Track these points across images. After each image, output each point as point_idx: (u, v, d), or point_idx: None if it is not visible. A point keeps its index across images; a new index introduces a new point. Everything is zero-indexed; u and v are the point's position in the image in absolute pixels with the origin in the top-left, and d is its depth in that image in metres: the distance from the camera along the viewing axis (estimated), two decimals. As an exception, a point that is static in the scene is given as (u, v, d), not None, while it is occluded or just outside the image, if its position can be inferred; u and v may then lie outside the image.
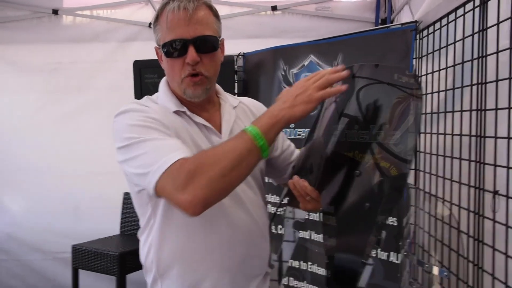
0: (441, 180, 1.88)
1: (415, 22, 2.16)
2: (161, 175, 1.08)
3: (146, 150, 1.14)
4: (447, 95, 1.83)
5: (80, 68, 3.86)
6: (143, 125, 1.19)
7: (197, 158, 1.08)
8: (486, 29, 1.46)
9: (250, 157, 1.07)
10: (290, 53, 2.89)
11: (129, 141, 1.18)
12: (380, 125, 1.15)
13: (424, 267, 1.71)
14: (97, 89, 3.84)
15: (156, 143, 1.15)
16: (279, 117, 1.07)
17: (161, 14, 1.26)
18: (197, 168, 1.05)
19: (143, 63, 3.35)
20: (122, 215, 3.54)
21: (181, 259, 1.28)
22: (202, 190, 1.04)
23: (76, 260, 3.05)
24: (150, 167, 1.10)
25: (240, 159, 1.06)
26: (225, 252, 1.28)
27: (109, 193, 3.75)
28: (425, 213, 1.95)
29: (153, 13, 3.82)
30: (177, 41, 1.22)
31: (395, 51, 2.26)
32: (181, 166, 1.06)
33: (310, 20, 3.91)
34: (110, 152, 4.09)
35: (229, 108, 1.39)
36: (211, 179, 1.04)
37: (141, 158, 1.14)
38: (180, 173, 1.05)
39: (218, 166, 1.05)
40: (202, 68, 1.25)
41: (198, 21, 1.23)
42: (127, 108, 1.27)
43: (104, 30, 3.91)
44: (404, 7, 3.29)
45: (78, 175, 3.82)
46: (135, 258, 3.03)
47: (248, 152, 1.06)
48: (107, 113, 3.72)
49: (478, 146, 1.49)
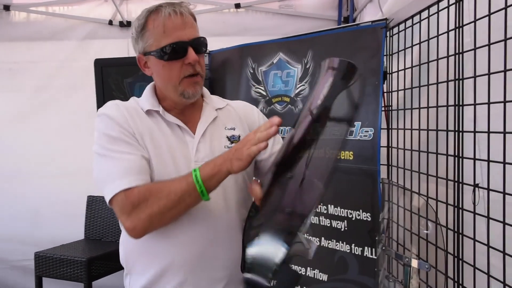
0: (416, 175, 1.92)
1: (385, 19, 2.19)
2: (112, 198, 1.20)
3: (107, 167, 1.24)
4: (421, 91, 1.87)
5: (38, 67, 3.72)
6: (112, 136, 1.27)
7: (143, 192, 1.19)
8: (463, 26, 1.49)
9: (189, 200, 1.18)
10: (258, 51, 2.87)
11: (98, 149, 1.27)
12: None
13: (403, 261, 1.74)
14: (56, 89, 3.71)
15: (115, 163, 1.23)
16: (220, 168, 1.15)
17: (152, 20, 1.30)
18: (140, 201, 1.18)
19: (104, 62, 3.24)
20: (86, 219, 3.41)
21: (145, 253, 1.32)
22: (142, 222, 1.18)
23: (40, 268, 2.91)
24: (105, 185, 1.22)
25: (179, 201, 1.17)
26: (186, 247, 1.30)
27: (70, 196, 3.63)
28: (399, 207, 1.98)
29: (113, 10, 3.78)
30: (177, 44, 1.28)
31: (366, 49, 2.28)
32: (128, 197, 1.19)
33: (274, 18, 3.93)
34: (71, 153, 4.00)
35: (209, 110, 1.43)
36: (151, 214, 1.18)
37: (101, 171, 1.26)
38: (126, 203, 1.18)
39: (158, 204, 1.17)
40: (199, 68, 1.33)
41: (191, 25, 1.32)
42: (104, 111, 1.33)
43: (61, 28, 3.78)
44: (368, 5, 3.36)
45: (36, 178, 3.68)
46: (103, 264, 2.98)
47: (188, 195, 1.17)
48: (67, 113, 3.69)
49: (456, 141, 1.53)
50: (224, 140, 1.39)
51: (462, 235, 1.52)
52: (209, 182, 1.15)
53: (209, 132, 1.38)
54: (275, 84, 2.78)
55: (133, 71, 3.22)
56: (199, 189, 1.15)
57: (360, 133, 2.27)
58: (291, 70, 2.69)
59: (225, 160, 1.14)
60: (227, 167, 1.13)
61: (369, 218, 2.26)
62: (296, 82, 2.66)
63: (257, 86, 2.86)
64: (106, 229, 3.35)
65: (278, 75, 2.77)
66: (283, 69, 2.74)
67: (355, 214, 2.32)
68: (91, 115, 3.18)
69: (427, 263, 1.61)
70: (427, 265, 1.61)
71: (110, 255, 3.06)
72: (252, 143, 1.09)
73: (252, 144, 1.09)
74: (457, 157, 1.53)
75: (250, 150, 1.09)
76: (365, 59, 2.29)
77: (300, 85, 2.63)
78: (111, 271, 3.07)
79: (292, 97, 2.67)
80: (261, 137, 1.09)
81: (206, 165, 1.18)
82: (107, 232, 3.35)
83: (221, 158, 1.16)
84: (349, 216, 2.35)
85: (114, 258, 3.09)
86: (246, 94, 2.91)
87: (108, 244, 3.25)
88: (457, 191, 1.54)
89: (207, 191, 1.16)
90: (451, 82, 1.57)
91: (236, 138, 1.40)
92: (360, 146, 2.28)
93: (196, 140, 1.34)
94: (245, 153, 1.10)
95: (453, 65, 1.56)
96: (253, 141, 1.09)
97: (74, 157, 3.68)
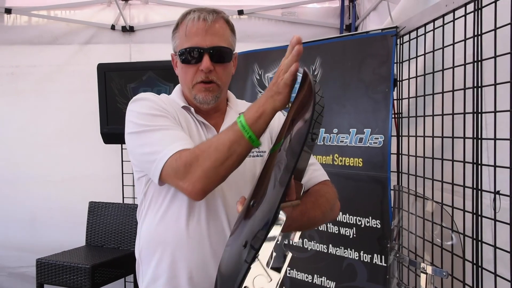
0: (428, 182, 1.92)
1: (395, 27, 2.21)
2: (164, 165, 1.18)
3: (152, 140, 1.24)
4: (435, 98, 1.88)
5: (38, 71, 3.68)
6: (153, 114, 1.28)
7: (193, 151, 1.16)
8: (481, 35, 1.51)
9: (240, 148, 1.13)
10: (265, 57, 2.87)
11: (138, 128, 1.27)
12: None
13: (418, 268, 1.73)
14: (57, 93, 3.68)
15: (161, 133, 1.24)
16: (264, 108, 1.11)
17: (181, 22, 1.35)
18: (193, 160, 1.15)
19: (108, 67, 3.23)
20: (88, 225, 3.37)
21: (158, 244, 1.33)
22: (199, 180, 1.15)
23: (42, 275, 2.86)
24: (155, 156, 1.20)
25: (231, 151, 1.13)
26: (201, 242, 1.30)
27: (69, 202, 3.59)
28: (411, 214, 1.98)
29: (117, 15, 3.76)
30: (194, 49, 1.31)
31: (375, 56, 2.30)
32: (180, 158, 1.16)
33: (276, 25, 3.94)
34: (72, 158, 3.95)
35: (233, 114, 1.44)
36: (206, 170, 1.14)
37: (147, 146, 1.24)
38: (179, 165, 1.16)
39: (211, 158, 1.13)
40: (214, 76, 1.33)
41: (215, 32, 1.31)
42: (141, 97, 1.35)
43: (63, 32, 3.76)
44: (371, 14, 3.39)
45: (35, 183, 3.64)
46: (106, 271, 2.94)
47: (238, 144, 1.12)
48: (68, 118, 3.66)
49: (475, 148, 1.53)
50: None
51: (481, 242, 1.52)
52: (256, 125, 1.11)
53: None
54: (282, 91, 2.78)
55: (136, 76, 3.22)
56: (246, 135, 1.11)
57: (369, 140, 2.27)
58: (299, 77, 2.69)
59: (267, 99, 1.11)
60: (270, 105, 1.10)
61: (378, 225, 2.26)
62: (304, 89, 2.66)
63: (263, 92, 2.85)
64: (108, 235, 3.31)
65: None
66: (290, 76, 2.74)
67: (364, 221, 2.32)
68: (93, 121, 3.21)
69: (444, 270, 1.61)
70: (444, 272, 1.61)
71: (113, 262, 3.02)
72: (284, 71, 1.08)
73: (284, 72, 1.08)
74: (475, 164, 1.53)
75: (285, 79, 1.07)
76: (374, 67, 2.31)
77: (308, 92, 2.63)
78: (114, 278, 3.03)
79: (299, 103, 2.67)
80: (289, 62, 1.08)
81: (250, 108, 1.14)
82: (109, 238, 3.31)
83: (263, 98, 1.12)
84: (358, 223, 2.35)
85: (117, 265, 3.06)
86: (252, 100, 2.89)
87: (110, 250, 3.21)
88: (475, 198, 1.54)
89: (256, 135, 1.12)
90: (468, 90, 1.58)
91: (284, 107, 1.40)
92: (370, 153, 2.28)
93: None
94: (281, 84, 1.08)
95: (470, 73, 1.57)
96: (284, 69, 1.08)
97: (75, 162, 3.65)
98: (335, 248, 2.46)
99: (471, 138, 1.56)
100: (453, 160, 1.71)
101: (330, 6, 3.96)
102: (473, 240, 1.55)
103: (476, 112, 1.53)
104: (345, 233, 2.41)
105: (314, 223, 1.42)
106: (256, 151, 1.39)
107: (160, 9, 3.85)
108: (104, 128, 3.22)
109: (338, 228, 2.44)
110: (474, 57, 1.53)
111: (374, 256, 2.28)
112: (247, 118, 1.12)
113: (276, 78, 1.11)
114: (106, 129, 3.21)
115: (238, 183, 1.32)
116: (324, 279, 2.54)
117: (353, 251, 2.38)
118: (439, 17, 1.80)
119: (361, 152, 2.31)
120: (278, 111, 1.12)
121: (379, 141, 2.23)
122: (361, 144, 2.30)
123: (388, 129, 2.18)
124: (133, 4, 3.87)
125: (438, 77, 1.86)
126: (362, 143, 2.30)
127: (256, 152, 1.39)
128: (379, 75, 2.25)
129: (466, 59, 1.61)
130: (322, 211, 1.24)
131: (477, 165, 1.53)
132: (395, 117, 2.28)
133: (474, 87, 1.53)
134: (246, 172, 1.35)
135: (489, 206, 1.49)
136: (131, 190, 3.59)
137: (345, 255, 2.41)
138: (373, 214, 2.29)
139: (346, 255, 2.41)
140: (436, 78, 1.88)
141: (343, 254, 2.42)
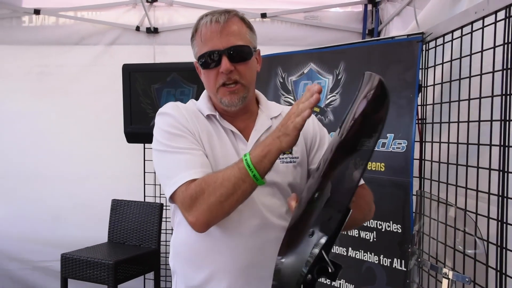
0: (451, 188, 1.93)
1: (421, 33, 2.22)
2: (173, 192, 1.23)
3: (168, 163, 1.29)
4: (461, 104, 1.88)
5: (66, 71, 3.77)
6: (172, 133, 1.30)
7: (200, 184, 1.19)
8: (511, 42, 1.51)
9: (245, 186, 1.15)
10: (288, 61, 2.90)
11: (158, 146, 1.31)
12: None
13: (440, 273, 1.74)
14: (83, 93, 3.76)
15: (177, 157, 1.27)
16: (270, 148, 1.13)
17: (197, 29, 1.34)
18: (198, 194, 1.18)
19: (133, 67, 3.29)
20: (110, 222, 3.44)
21: (193, 257, 1.35)
22: (203, 214, 1.18)
23: (66, 270, 2.93)
24: (167, 181, 1.25)
25: (235, 188, 1.15)
26: (234, 255, 1.30)
27: (93, 200, 3.66)
28: (432, 220, 1.99)
29: (141, 16, 3.82)
30: (211, 53, 1.29)
31: (400, 62, 2.31)
32: (186, 190, 1.20)
33: (299, 29, 3.96)
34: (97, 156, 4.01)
35: (264, 118, 1.42)
36: (210, 205, 1.17)
37: (163, 168, 1.30)
38: (185, 196, 1.20)
39: (216, 193, 1.16)
40: (237, 76, 1.30)
41: (230, 33, 1.29)
42: (165, 111, 1.37)
43: (89, 33, 3.83)
44: (394, 19, 3.39)
45: (60, 180, 3.72)
46: (128, 267, 3.00)
47: (243, 181, 1.15)
48: (93, 117, 3.75)
49: (501, 155, 1.54)
50: None
51: (506, 249, 1.52)
52: (261, 164, 1.13)
53: None
54: (305, 94, 2.80)
55: (160, 77, 3.26)
56: (251, 174, 1.13)
57: (392, 145, 2.28)
58: (322, 81, 2.72)
59: (273, 139, 1.13)
60: (277, 146, 1.12)
61: (399, 229, 2.27)
62: (327, 93, 2.68)
63: (286, 95, 2.88)
64: (130, 233, 3.37)
65: (308, 85, 2.79)
66: (313, 79, 2.77)
67: (385, 225, 2.33)
68: (117, 120, 3.27)
69: (467, 276, 1.61)
70: (467, 278, 1.61)
71: (135, 259, 3.08)
72: (296, 115, 1.08)
73: (296, 116, 1.08)
74: (501, 172, 1.54)
75: (296, 122, 1.08)
76: (399, 72, 2.32)
77: (331, 96, 2.66)
78: (135, 275, 3.09)
79: (322, 107, 2.69)
80: (303, 107, 1.07)
81: (256, 147, 1.17)
82: (131, 236, 3.37)
83: (269, 138, 1.14)
84: (378, 227, 2.36)
85: (139, 262, 3.12)
86: (275, 103, 2.94)
87: (132, 248, 3.27)
88: (501, 205, 1.55)
89: (260, 174, 1.13)
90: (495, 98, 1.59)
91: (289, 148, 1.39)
92: (392, 158, 2.30)
93: (249, 148, 1.32)
94: (290, 127, 1.09)
95: (497, 81, 1.58)
96: (297, 113, 1.09)
97: (99, 161, 3.72)
98: (354, 252, 2.48)
99: (498, 145, 1.56)
100: (478, 166, 1.71)
101: (353, 11, 3.96)
102: (497, 247, 1.55)
103: (504, 120, 1.53)
104: (365, 236, 2.42)
105: (355, 224, 1.47)
106: (289, 157, 1.38)
107: (184, 11, 3.89)
108: (128, 128, 3.27)
109: (358, 232, 2.45)
110: (504, 64, 1.53)
111: (394, 260, 2.29)
112: (253, 157, 1.14)
113: (287, 120, 1.11)
114: (130, 129, 3.26)
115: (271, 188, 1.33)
116: (343, 282, 2.55)
117: (372, 254, 2.39)
118: (468, 23, 1.80)
119: (383, 156, 2.32)
120: (283, 151, 1.13)
121: (402, 146, 2.24)
122: (384, 149, 2.32)
123: (412, 134, 2.19)
124: (158, 6, 3.93)
125: (463, 84, 1.87)
126: (385, 148, 2.32)
127: (289, 158, 1.38)
128: (403, 81, 2.26)
129: (495, 67, 1.62)
130: (363, 212, 1.27)
131: (503, 172, 1.54)
132: (418, 123, 2.29)
133: (503, 95, 1.53)
134: (278, 177, 1.35)
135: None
136: (152, 189, 3.65)
137: (364, 258, 2.42)
138: (394, 219, 2.29)
139: (365, 259, 2.42)
140: (461, 85, 1.89)
141: (363, 258, 2.43)
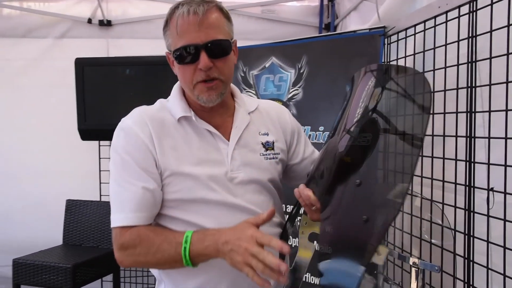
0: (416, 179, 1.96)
1: (383, 27, 2.25)
2: (112, 227, 1.25)
3: (113, 190, 1.27)
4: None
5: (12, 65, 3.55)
6: (122, 158, 1.24)
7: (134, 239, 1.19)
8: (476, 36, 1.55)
9: (175, 265, 1.18)
10: (249, 55, 2.87)
11: (111, 167, 1.28)
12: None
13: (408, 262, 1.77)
14: (32, 88, 3.57)
15: (118, 191, 1.25)
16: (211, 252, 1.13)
17: (171, 19, 1.24)
18: (129, 247, 1.20)
19: (86, 61, 3.14)
20: (65, 224, 3.28)
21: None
22: (127, 263, 1.25)
23: (18, 276, 2.77)
24: (111, 206, 1.26)
25: (166, 262, 1.18)
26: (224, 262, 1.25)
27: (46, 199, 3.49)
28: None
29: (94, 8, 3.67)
30: (189, 47, 1.20)
31: (363, 55, 2.34)
32: (120, 235, 1.21)
33: (256, 23, 3.94)
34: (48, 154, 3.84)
35: (243, 114, 1.36)
36: (137, 261, 1.23)
37: (110, 191, 1.28)
38: (117, 240, 1.22)
39: (146, 257, 1.19)
40: (216, 73, 1.23)
41: (209, 25, 1.20)
42: (123, 126, 1.28)
43: (37, 25, 3.64)
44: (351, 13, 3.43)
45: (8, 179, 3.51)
46: (87, 270, 2.87)
47: (175, 262, 1.17)
48: (43, 113, 3.55)
49: (468, 145, 1.58)
50: (259, 147, 1.34)
51: (473, 237, 1.57)
52: (197, 259, 1.15)
53: (244, 139, 1.32)
54: (267, 88, 2.79)
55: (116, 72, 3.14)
56: (184, 261, 1.15)
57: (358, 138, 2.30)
58: (284, 75, 2.71)
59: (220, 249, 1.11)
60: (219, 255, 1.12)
61: (364, 221, 2.30)
62: (289, 87, 2.68)
63: (248, 89, 2.85)
64: (87, 234, 3.23)
65: (270, 79, 2.77)
66: (275, 73, 2.75)
67: (350, 218, 2.35)
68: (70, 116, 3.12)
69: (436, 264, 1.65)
70: (436, 266, 1.65)
71: (94, 261, 2.95)
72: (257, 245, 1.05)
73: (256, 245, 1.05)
74: (468, 162, 1.58)
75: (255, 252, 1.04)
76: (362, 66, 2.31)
77: (293, 90, 2.65)
78: (94, 278, 2.97)
79: (284, 101, 2.68)
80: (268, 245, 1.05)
81: (201, 240, 1.14)
82: (87, 237, 3.23)
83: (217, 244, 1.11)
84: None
85: (97, 264, 3.00)
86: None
87: (89, 249, 3.14)
88: (467, 194, 1.59)
89: (192, 265, 1.15)
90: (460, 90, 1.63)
91: (270, 144, 1.36)
92: (356, 151, 2.31)
93: (231, 148, 1.28)
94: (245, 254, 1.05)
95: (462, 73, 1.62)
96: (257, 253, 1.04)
97: (51, 158, 3.55)
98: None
99: (464, 136, 1.60)
100: (444, 158, 1.75)
101: (309, 5, 3.98)
102: (465, 236, 1.59)
103: (470, 112, 1.57)
104: (331, 229, 2.43)
105: None
106: (272, 153, 1.36)
107: (139, 3, 3.77)
108: (82, 125, 3.13)
109: (324, 225, 2.46)
110: (469, 58, 1.57)
111: (360, 252, 2.31)
112: (193, 250, 1.13)
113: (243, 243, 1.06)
114: (84, 126, 3.12)
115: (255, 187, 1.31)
116: (308, 275, 2.56)
117: (339, 247, 2.40)
118: (431, 18, 1.84)
119: (348, 149, 2.33)
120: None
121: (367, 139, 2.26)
122: (348, 142, 2.33)
123: (376, 127, 2.22)
124: (111, -3, 3.79)
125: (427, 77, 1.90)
126: (349, 141, 2.33)
127: (272, 154, 1.36)
128: (366, 74, 2.28)
129: (459, 60, 1.65)
130: None
131: (470, 163, 1.58)
132: (382, 116, 2.32)
133: (468, 87, 1.57)
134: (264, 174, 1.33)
135: (484, 200, 1.53)
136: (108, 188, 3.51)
137: (331, 251, 2.43)
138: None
139: (331, 252, 2.43)
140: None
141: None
